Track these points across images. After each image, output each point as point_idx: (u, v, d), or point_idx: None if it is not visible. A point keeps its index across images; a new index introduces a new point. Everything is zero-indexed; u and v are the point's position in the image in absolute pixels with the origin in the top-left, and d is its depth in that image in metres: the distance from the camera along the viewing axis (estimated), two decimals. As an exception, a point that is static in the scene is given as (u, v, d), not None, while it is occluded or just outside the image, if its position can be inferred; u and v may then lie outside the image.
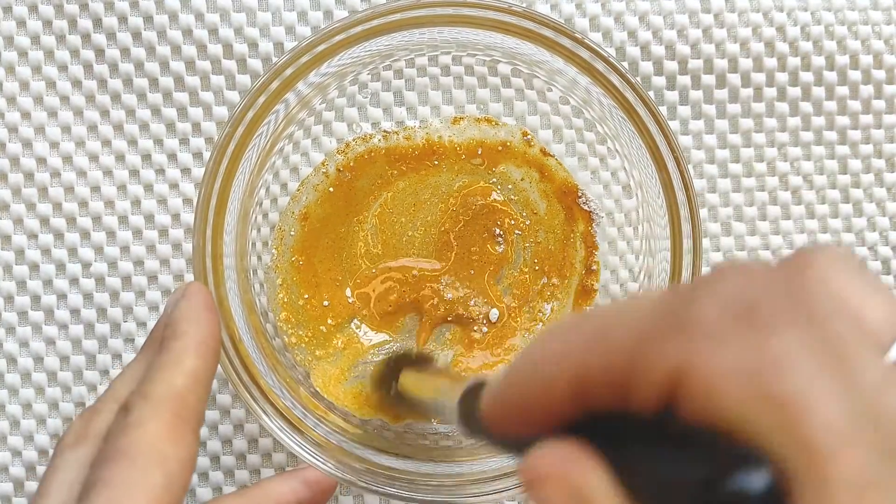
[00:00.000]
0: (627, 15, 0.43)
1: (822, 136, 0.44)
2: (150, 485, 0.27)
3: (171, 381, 0.29)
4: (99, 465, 0.27)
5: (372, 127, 0.43)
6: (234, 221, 0.36)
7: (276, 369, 0.37)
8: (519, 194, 0.42)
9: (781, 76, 0.44)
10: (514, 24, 0.35)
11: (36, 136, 0.43)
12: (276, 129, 0.37)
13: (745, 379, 0.16)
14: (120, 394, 0.30)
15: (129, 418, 0.28)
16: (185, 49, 0.43)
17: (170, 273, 0.43)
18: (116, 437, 0.28)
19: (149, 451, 0.27)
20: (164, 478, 0.27)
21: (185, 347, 0.30)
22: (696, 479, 0.16)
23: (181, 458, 0.28)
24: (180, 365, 0.29)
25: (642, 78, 0.43)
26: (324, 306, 0.41)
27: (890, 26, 0.44)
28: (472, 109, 0.43)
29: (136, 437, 0.27)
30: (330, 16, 0.44)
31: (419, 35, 0.36)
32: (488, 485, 0.35)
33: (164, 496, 0.27)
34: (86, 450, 0.29)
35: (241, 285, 0.37)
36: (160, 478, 0.27)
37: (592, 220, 0.41)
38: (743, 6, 0.43)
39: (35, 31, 0.43)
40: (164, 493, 0.27)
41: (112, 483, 0.27)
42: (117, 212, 0.43)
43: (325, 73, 0.36)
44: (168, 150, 0.43)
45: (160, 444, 0.27)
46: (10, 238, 0.43)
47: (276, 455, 0.43)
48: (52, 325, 0.43)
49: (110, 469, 0.27)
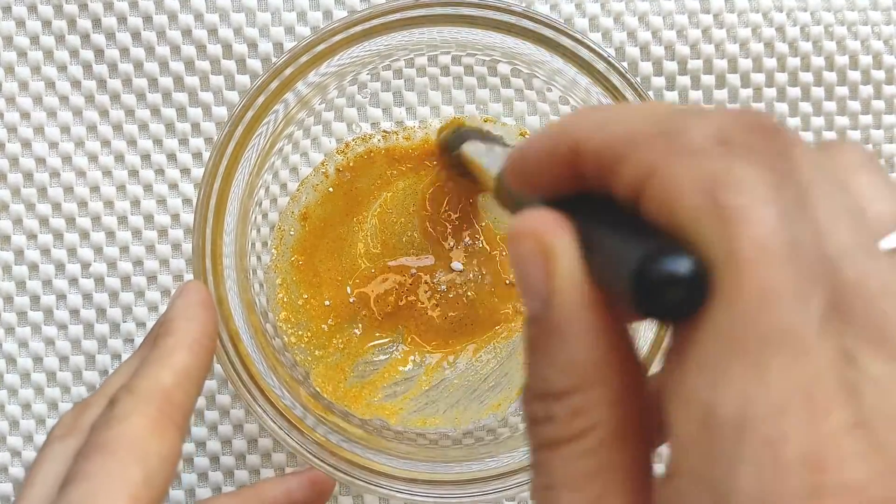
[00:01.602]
0: (627, 15, 0.43)
1: (822, 137, 0.44)
2: (129, 479, 0.26)
3: (157, 376, 0.29)
4: (81, 457, 0.27)
5: (371, 127, 0.43)
6: (233, 221, 0.36)
7: (276, 369, 0.37)
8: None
9: (781, 76, 0.44)
10: (513, 24, 0.35)
11: (35, 137, 0.43)
12: (275, 129, 0.37)
13: (699, 188, 0.18)
14: (113, 389, 0.30)
15: (113, 412, 0.28)
16: (185, 49, 0.43)
17: (169, 273, 0.43)
18: (99, 430, 0.28)
19: (130, 446, 0.27)
20: (144, 472, 0.27)
21: (177, 344, 0.30)
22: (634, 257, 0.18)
23: (163, 453, 0.27)
24: (169, 361, 0.29)
25: (642, 78, 0.43)
26: (324, 306, 0.41)
27: (889, 26, 0.44)
28: (471, 109, 0.43)
29: (118, 431, 0.27)
30: (329, 16, 0.44)
31: (418, 35, 0.36)
32: (487, 484, 0.35)
33: (143, 491, 0.27)
34: (73, 441, 0.29)
35: (241, 285, 0.37)
36: (140, 472, 0.27)
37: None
38: (742, 6, 0.43)
39: (34, 32, 0.43)
40: (144, 487, 0.27)
41: (91, 475, 0.27)
42: (117, 212, 0.43)
43: (324, 73, 0.36)
44: (167, 151, 0.43)
45: (142, 438, 0.27)
46: (10, 238, 0.43)
47: (275, 455, 0.43)
48: (52, 325, 0.43)
49: (91, 461, 0.27)
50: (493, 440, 0.39)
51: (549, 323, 0.20)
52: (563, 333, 0.19)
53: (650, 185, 0.18)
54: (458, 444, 0.40)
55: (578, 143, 0.20)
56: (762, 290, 0.17)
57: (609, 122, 0.20)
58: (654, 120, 0.19)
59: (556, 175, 0.21)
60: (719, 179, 0.18)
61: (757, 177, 0.18)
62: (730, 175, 0.18)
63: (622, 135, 0.20)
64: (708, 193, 0.18)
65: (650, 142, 0.19)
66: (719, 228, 0.17)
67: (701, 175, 0.18)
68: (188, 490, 0.43)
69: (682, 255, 0.17)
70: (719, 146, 0.18)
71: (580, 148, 0.20)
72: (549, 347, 0.20)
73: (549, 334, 0.20)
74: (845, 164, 0.21)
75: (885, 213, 0.20)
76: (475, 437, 0.40)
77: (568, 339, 0.19)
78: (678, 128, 0.19)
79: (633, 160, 0.19)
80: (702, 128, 0.19)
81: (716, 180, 0.18)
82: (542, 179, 0.22)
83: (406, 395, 0.41)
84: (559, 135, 0.21)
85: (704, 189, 0.18)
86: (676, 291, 0.17)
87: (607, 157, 0.20)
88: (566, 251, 0.20)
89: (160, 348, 0.30)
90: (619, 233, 0.19)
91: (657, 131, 0.19)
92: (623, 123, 0.20)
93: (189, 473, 0.43)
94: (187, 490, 0.43)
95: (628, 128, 0.20)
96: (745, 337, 0.17)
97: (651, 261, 0.17)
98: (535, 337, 0.20)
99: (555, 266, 0.20)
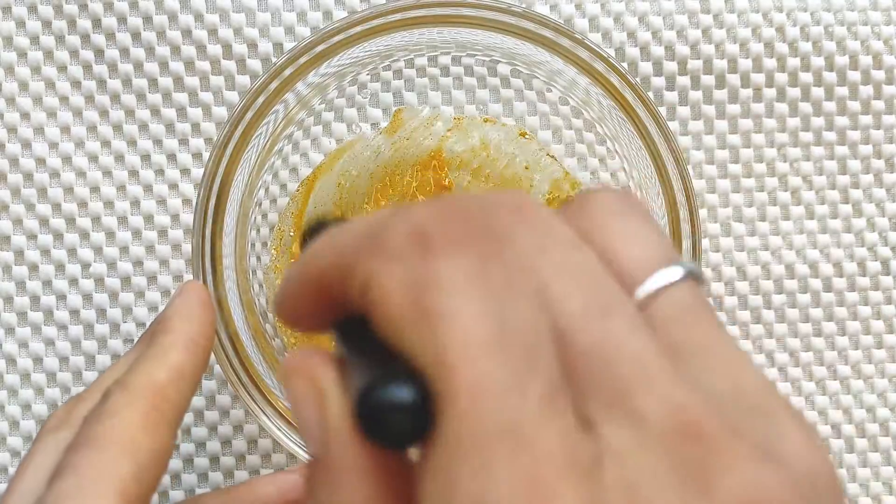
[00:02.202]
0: (627, 15, 0.43)
1: (822, 137, 0.44)
2: (118, 473, 0.26)
3: (152, 373, 0.29)
4: (70, 450, 0.27)
5: (371, 127, 0.43)
6: (233, 222, 0.36)
7: (276, 370, 0.37)
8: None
9: (781, 76, 0.44)
10: (513, 25, 0.35)
11: (35, 137, 0.43)
12: (275, 129, 0.37)
13: (403, 294, 0.17)
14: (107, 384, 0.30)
15: (104, 406, 0.28)
16: (185, 49, 0.43)
17: (169, 273, 0.43)
18: (90, 424, 0.28)
19: (120, 440, 0.27)
20: (134, 467, 0.27)
21: (173, 342, 0.30)
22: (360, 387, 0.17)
23: (154, 449, 0.27)
24: (164, 358, 0.29)
25: (642, 78, 0.43)
26: (323, 307, 0.41)
27: (889, 27, 0.44)
28: (471, 110, 0.43)
29: (109, 425, 0.27)
30: (329, 16, 0.44)
31: (418, 35, 0.36)
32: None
33: (132, 486, 0.26)
34: (65, 435, 0.29)
35: (241, 286, 0.37)
36: (129, 467, 0.27)
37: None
38: (742, 6, 0.43)
39: (34, 32, 0.43)
40: (133, 482, 0.26)
41: (80, 469, 0.26)
42: (117, 212, 0.43)
43: (324, 73, 0.36)
44: (167, 151, 0.43)
45: (133, 433, 0.27)
46: (10, 239, 0.43)
47: (275, 455, 0.43)
48: (52, 325, 0.43)
49: (80, 455, 0.27)
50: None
51: (324, 464, 0.19)
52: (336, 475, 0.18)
53: (367, 298, 0.18)
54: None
55: (321, 271, 0.20)
56: (470, 389, 0.16)
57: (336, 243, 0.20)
58: (367, 224, 0.19)
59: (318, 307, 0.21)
60: (419, 281, 0.17)
61: (455, 270, 0.17)
62: (428, 274, 0.17)
63: (345, 253, 0.19)
64: (410, 298, 0.17)
65: (360, 252, 0.18)
66: (425, 335, 0.17)
67: (402, 279, 0.17)
68: (188, 490, 0.43)
69: (401, 379, 0.17)
70: (416, 245, 0.18)
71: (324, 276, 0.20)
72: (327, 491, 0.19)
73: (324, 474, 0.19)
74: (595, 213, 0.19)
75: (639, 259, 0.19)
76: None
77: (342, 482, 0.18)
78: (381, 234, 0.18)
79: (354, 275, 0.18)
80: (399, 226, 0.18)
81: (415, 282, 0.17)
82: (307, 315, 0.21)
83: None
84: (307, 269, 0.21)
85: (406, 294, 0.17)
86: (399, 419, 0.17)
87: (338, 276, 0.19)
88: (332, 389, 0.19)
89: (156, 346, 0.30)
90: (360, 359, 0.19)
91: (365, 241, 0.19)
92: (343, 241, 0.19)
93: (189, 473, 0.43)
94: (187, 490, 0.43)
95: (347, 245, 0.19)
96: (467, 439, 0.16)
97: (370, 390, 0.17)
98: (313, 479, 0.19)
99: (327, 406, 0.19)
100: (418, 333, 0.17)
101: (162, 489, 0.43)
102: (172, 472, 0.43)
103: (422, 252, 0.17)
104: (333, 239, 0.20)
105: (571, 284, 0.17)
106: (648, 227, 0.20)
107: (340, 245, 0.20)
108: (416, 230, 0.18)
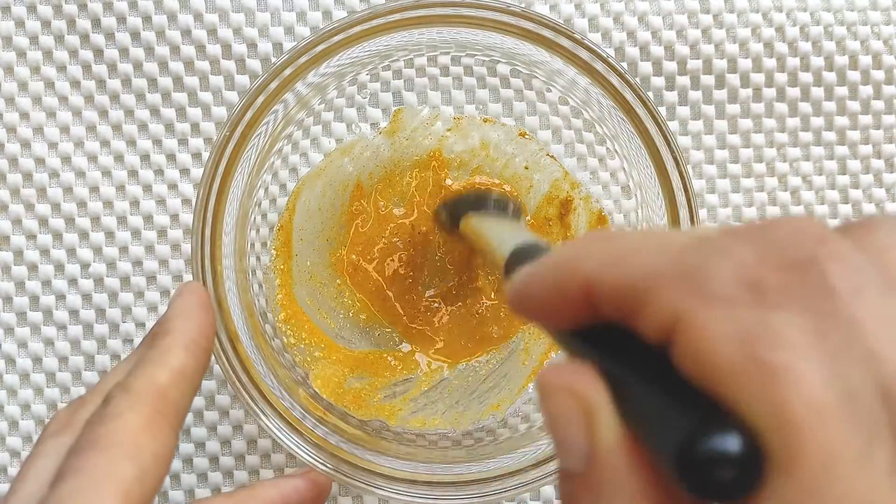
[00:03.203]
0: (626, 15, 0.43)
1: (822, 137, 0.44)
2: (120, 476, 0.26)
3: (153, 375, 0.29)
4: (72, 453, 0.27)
5: (371, 127, 0.43)
6: (232, 222, 0.36)
7: (275, 370, 0.37)
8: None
9: (780, 76, 0.44)
10: (512, 25, 0.35)
11: (34, 137, 0.43)
12: (274, 129, 0.37)
13: (737, 343, 0.16)
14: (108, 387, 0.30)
15: (106, 409, 0.28)
16: (184, 49, 0.43)
17: (168, 273, 0.43)
18: (93, 426, 0.28)
19: (123, 443, 0.27)
20: (137, 470, 0.27)
21: (173, 344, 0.30)
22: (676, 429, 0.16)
23: (156, 451, 0.27)
24: (165, 360, 0.29)
25: (641, 78, 0.43)
26: (323, 307, 0.41)
27: (889, 27, 0.44)
28: (471, 110, 0.43)
29: (111, 428, 0.27)
30: (329, 16, 0.44)
31: (418, 35, 0.36)
32: (487, 485, 0.35)
33: (134, 487, 0.26)
34: (67, 438, 0.29)
35: (240, 286, 0.37)
36: (132, 469, 0.27)
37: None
38: (742, 6, 0.43)
39: (34, 32, 0.43)
40: (136, 484, 0.26)
41: (83, 471, 0.26)
42: (116, 212, 0.43)
43: (323, 73, 0.36)
44: (167, 151, 0.43)
45: (135, 436, 0.27)
46: (9, 238, 0.43)
47: (275, 456, 0.43)
48: (51, 325, 0.43)
49: (82, 458, 0.27)
50: (492, 441, 0.39)
51: (588, 482, 0.18)
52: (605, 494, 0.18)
53: (679, 334, 0.17)
54: (457, 445, 0.40)
55: (590, 280, 0.19)
56: (822, 457, 0.15)
57: (622, 258, 0.19)
58: (672, 258, 0.18)
59: (566, 310, 0.20)
60: (755, 333, 0.16)
61: (796, 326, 0.16)
62: (767, 327, 0.16)
63: (640, 276, 0.18)
64: (745, 349, 0.16)
65: (672, 285, 0.18)
66: (763, 390, 0.16)
67: (734, 328, 0.17)
68: (188, 490, 0.43)
69: (729, 430, 0.16)
70: (749, 293, 0.17)
71: (593, 286, 0.19)
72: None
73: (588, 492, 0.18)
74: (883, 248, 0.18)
75: None
76: (475, 438, 0.40)
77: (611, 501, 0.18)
78: (700, 270, 0.18)
79: (656, 305, 0.18)
80: (726, 270, 0.17)
81: (751, 334, 0.16)
82: (551, 313, 0.21)
83: (405, 395, 0.40)
84: (568, 270, 0.20)
85: (740, 344, 0.16)
86: (727, 472, 0.16)
87: (626, 298, 0.19)
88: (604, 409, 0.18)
89: (157, 348, 0.30)
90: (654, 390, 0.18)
91: (678, 273, 0.18)
92: (638, 260, 0.19)
93: (188, 474, 0.43)
94: (187, 490, 0.43)
95: (646, 267, 0.18)
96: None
97: (696, 438, 0.16)
98: (574, 495, 0.19)
99: (596, 425, 0.18)
100: (755, 387, 0.16)
101: (162, 489, 0.43)
102: (172, 472, 0.43)
103: (757, 302, 0.17)
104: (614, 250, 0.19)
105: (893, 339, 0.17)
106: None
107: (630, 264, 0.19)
108: (748, 276, 0.17)
